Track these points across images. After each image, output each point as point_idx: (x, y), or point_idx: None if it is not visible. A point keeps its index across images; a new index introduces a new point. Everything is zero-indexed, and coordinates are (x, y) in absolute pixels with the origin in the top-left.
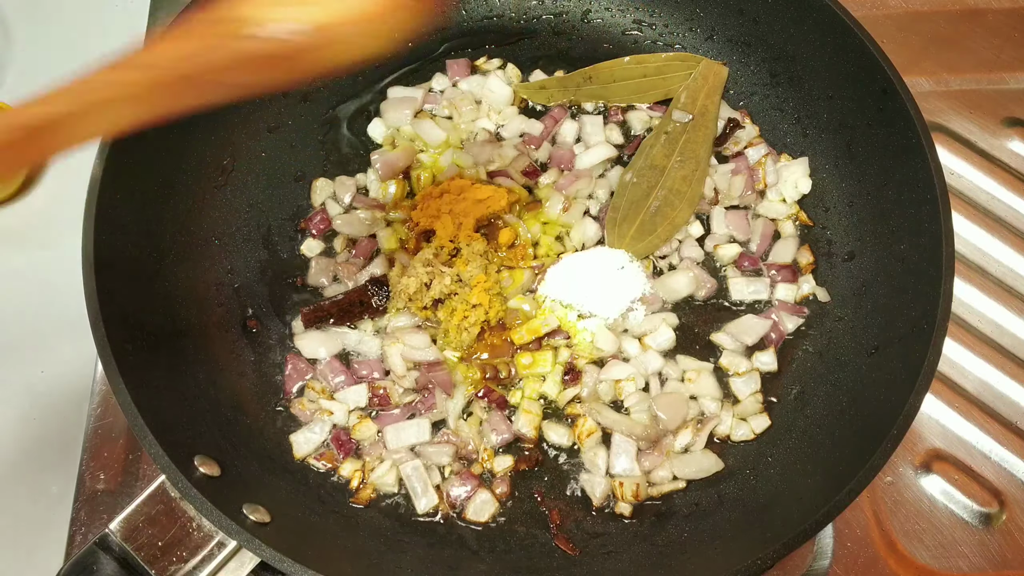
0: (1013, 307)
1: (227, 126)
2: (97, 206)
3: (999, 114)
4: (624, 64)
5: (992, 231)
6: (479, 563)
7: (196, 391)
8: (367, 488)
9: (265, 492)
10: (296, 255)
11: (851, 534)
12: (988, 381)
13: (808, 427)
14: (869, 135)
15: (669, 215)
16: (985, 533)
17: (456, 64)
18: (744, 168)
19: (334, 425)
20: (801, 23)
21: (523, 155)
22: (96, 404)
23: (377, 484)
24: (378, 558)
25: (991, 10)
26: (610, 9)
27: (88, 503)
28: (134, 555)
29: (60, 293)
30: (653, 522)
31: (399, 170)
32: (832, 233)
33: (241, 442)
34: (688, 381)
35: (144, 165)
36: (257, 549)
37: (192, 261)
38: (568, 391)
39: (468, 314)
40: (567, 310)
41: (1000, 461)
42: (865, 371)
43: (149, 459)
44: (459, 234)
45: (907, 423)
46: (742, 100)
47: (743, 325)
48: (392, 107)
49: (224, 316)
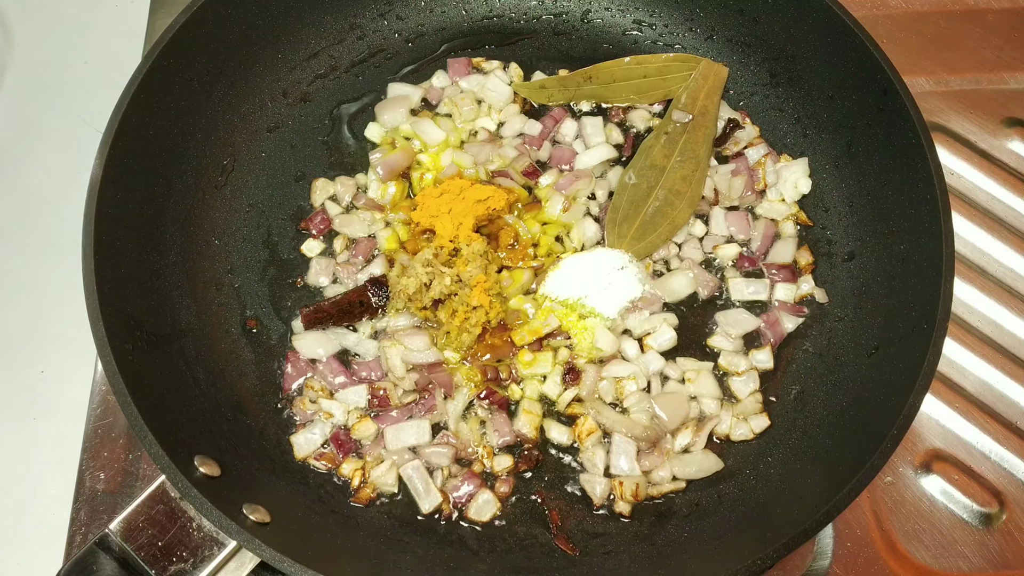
0: (1013, 307)
1: (227, 126)
2: (97, 206)
3: (999, 114)
4: (624, 64)
5: (992, 231)
6: (479, 563)
7: (196, 391)
8: (367, 488)
9: (265, 492)
10: (296, 255)
11: (851, 534)
12: (988, 381)
13: (808, 427)
14: (869, 135)
15: (669, 215)
16: (985, 533)
17: (457, 63)
18: (744, 169)
19: (333, 425)
20: (801, 23)
21: (523, 155)
22: (96, 404)
23: (377, 484)
24: (378, 558)
25: (991, 10)
26: (610, 9)
27: (88, 503)
28: (134, 555)
29: (60, 293)
30: (653, 522)
31: (399, 170)
32: (832, 233)
33: (241, 442)
34: (688, 381)
35: (144, 165)
36: (257, 549)
37: (192, 261)
38: (568, 391)
39: (469, 315)
40: (567, 310)
41: (1000, 461)
42: (865, 371)
43: (149, 459)
44: (459, 234)
45: (907, 423)
46: (742, 100)
47: (731, 317)
48: (386, 108)
49: (224, 316)
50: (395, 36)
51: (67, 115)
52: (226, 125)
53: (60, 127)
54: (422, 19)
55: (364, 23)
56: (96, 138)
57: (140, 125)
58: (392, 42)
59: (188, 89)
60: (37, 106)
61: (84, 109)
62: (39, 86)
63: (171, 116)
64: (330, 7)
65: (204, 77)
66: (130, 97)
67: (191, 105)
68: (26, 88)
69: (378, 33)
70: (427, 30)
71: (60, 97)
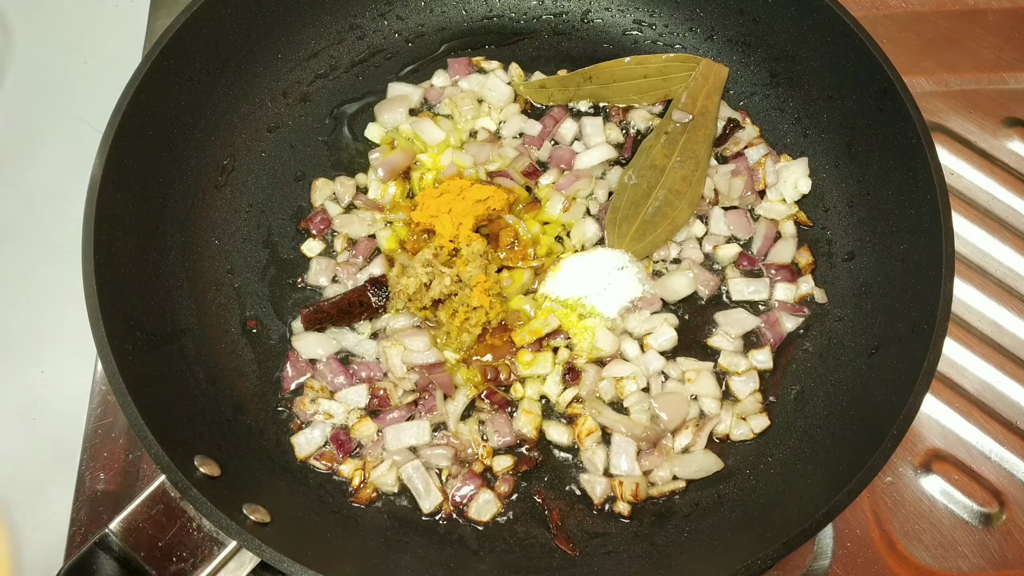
0: (1013, 307)
1: (227, 126)
2: (97, 206)
3: (999, 114)
4: (624, 64)
5: (992, 231)
6: (479, 563)
7: (196, 391)
8: (367, 488)
9: (265, 492)
10: (296, 255)
11: (851, 534)
12: (988, 381)
13: (808, 427)
14: (869, 135)
15: (669, 215)
16: (985, 533)
17: (457, 63)
18: (744, 169)
19: (333, 426)
20: (801, 23)
21: (523, 155)
22: (96, 404)
23: (377, 484)
24: (378, 558)
25: (991, 10)
26: (610, 9)
27: (88, 503)
28: (134, 555)
29: (60, 293)
30: (653, 522)
31: (399, 171)
32: (832, 233)
33: (241, 442)
34: (688, 381)
35: (144, 165)
36: (257, 549)
37: (192, 261)
38: (568, 391)
39: (469, 315)
40: (567, 310)
41: (1000, 461)
42: (865, 371)
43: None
44: (459, 234)
45: (907, 423)
46: (742, 100)
47: (731, 317)
48: (386, 107)
49: (224, 316)
50: (395, 36)
51: (67, 115)
52: (226, 125)
53: (60, 127)
54: (422, 19)
55: (364, 23)
56: (96, 138)
57: (140, 125)
58: (392, 42)
59: (188, 89)
60: (37, 106)
61: (84, 109)
62: (39, 86)
63: (171, 116)
64: (330, 7)
65: (204, 77)
66: (130, 97)
67: (191, 105)
68: (26, 88)
69: (378, 33)
70: (427, 30)
71: (60, 97)
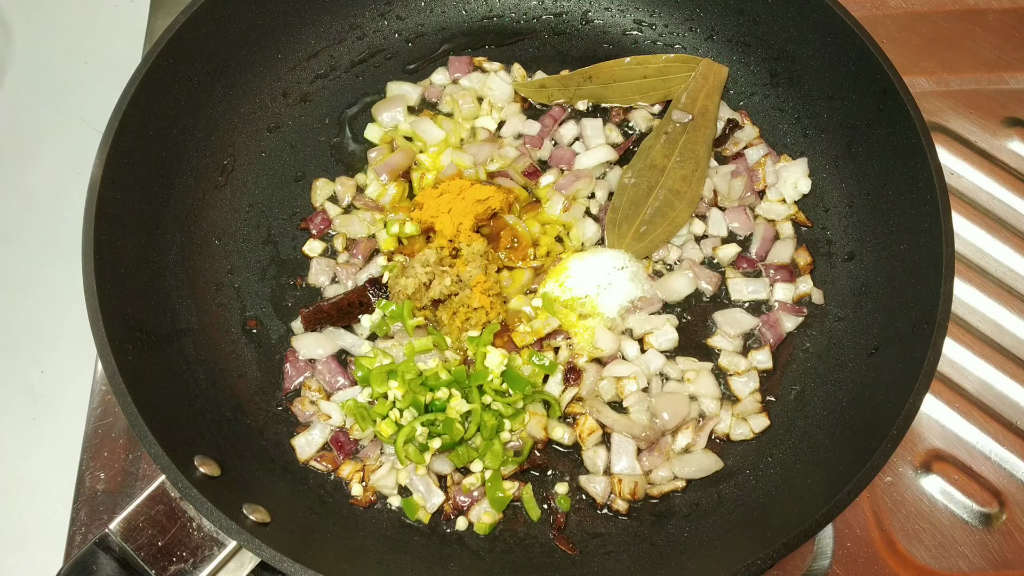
0: (1013, 307)
1: (227, 126)
2: (97, 206)
3: (999, 114)
4: (624, 65)
5: (992, 231)
6: (479, 563)
7: (196, 391)
8: (368, 489)
9: (265, 492)
10: (296, 255)
11: (851, 534)
12: (988, 381)
13: (808, 427)
14: (869, 135)
15: (669, 215)
16: (985, 533)
17: (457, 61)
18: (744, 170)
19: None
20: (801, 23)
21: (523, 155)
22: (96, 404)
23: (378, 487)
24: (378, 558)
25: (991, 10)
26: (610, 9)
27: (88, 503)
28: (134, 555)
29: (60, 293)
30: (653, 522)
31: (399, 170)
32: (832, 233)
33: (241, 442)
34: (688, 381)
35: (144, 165)
36: (257, 549)
37: (192, 261)
38: (568, 391)
39: (470, 316)
40: (567, 310)
41: (1000, 461)
42: (865, 371)
43: (149, 459)
44: (459, 234)
45: (907, 423)
46: (742, 100)
47: (731, 317)
48: (384, 107)
49: (224, 316)
50: (395, 36)
51: (67, 115)
52: (226, 125)
53: (60, 127)
54: (422, 19)
55: (364, 23)
56: (96, 138)
57: (140, 125)
58: (392, 42)
59: (188, 89)
60: (37, 106)
61: (84, 109)
62: (39, 86)
63: (171, 116)
64: (330, 7)
65: (204, 77)
66: (130, 97)
67: (191, 105)
68: (26, 88)
69: (378, 33)
70: (427, 30)
71: (60, 97)
